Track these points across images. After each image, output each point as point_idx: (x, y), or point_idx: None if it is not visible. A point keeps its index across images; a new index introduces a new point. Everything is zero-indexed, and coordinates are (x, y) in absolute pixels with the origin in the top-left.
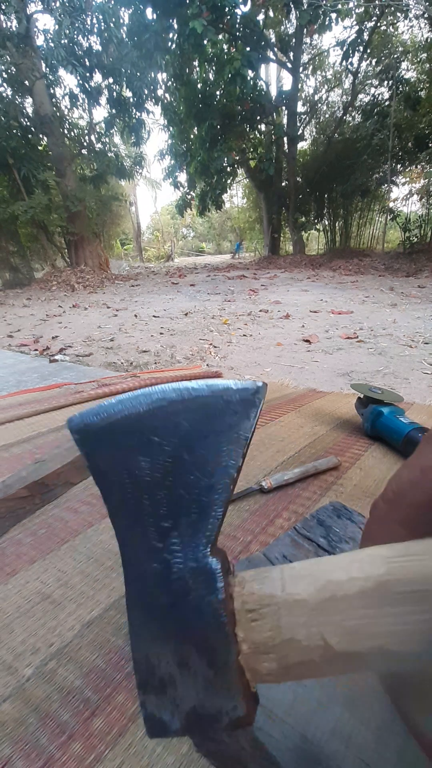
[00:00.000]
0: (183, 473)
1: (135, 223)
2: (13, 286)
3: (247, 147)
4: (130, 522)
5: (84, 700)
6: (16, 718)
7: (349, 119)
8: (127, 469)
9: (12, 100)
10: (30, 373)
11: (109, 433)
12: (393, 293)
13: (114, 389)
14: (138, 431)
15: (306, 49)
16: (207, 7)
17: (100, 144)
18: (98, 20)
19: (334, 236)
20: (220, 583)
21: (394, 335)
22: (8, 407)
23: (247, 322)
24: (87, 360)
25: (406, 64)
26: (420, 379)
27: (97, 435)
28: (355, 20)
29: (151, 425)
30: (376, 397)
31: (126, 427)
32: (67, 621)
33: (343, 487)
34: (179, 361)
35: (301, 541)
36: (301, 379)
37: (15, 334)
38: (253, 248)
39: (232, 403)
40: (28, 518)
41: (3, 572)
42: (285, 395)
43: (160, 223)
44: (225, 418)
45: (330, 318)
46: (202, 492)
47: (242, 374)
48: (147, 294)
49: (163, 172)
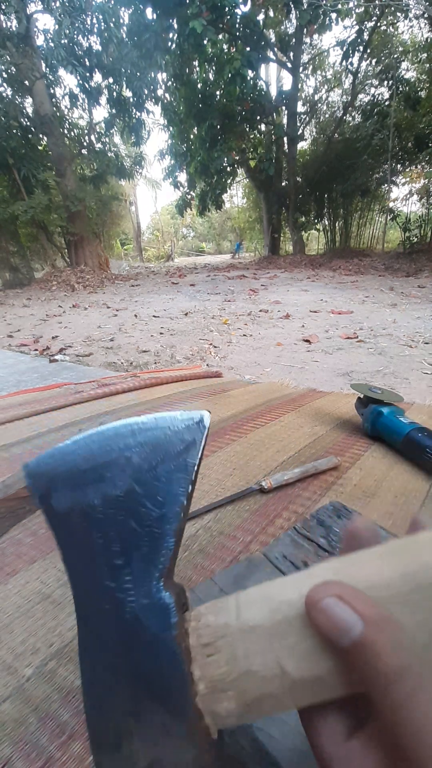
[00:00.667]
0: (134, 506)
1: (135, 223)
2: (13, 286)
3: (247, 147)
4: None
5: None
6: (16, 718)
7: (349, 119)
8: (80, 509)
9: (12, 100)
10: (30, 373)
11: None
12: (393, 293)
13: (114, 389)
14: (91, 469)
15: (306, 49)
16: (207, 7)
17: (100, 144)
18: (98, 20)
19: (334, 236)
20: (173, 618)
21: (394, 335)
22: (8, 407)
23: (247, 322)
24: (87, 360)
25: (406, 64)
26: (420, 379)
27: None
28: (355, 20)
29: (104, 462)
30: (376, 397)
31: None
32: (67, 621)
33: (343, 487)
34: (179, 361)
35: (301, 541)
36: (301, 379)
37: (15, 334)
38: (253, 248)
39: (177, 432)
40: (28, 518)
41: (3, 572)
42: (285, 395)
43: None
44: (171, 447)
45: (330, 318)
46: (154, 523)
47: (242, 374)
48: (147, 294)
49: (163, 172)
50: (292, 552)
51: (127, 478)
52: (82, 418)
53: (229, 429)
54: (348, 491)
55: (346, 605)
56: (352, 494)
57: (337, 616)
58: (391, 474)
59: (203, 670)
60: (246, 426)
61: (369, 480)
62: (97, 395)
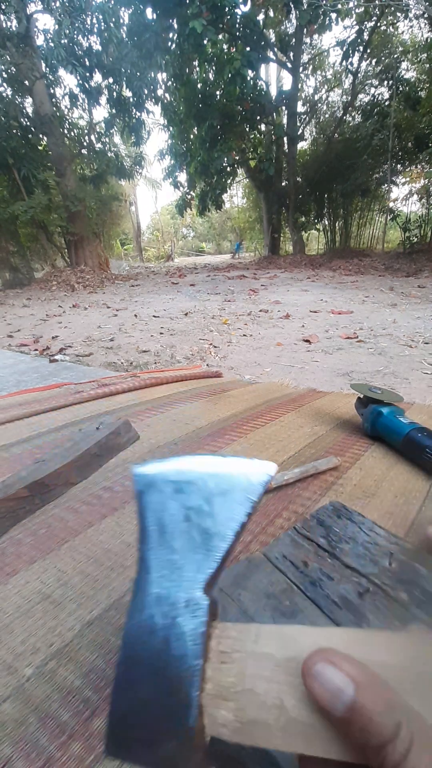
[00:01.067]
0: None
1: (135, 223)
2: (13, 286)
3: (247, 147)
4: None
5: (84, 700)
6: (16, 718)
7: (349, 119)
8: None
9: (12, 100)
10: (30, 373)
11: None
12: (393, 293)
13: (114, 389)
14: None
15: (306, 49)
16: (207, 7)
17: (100, 144)
18: (98, 20)
19: (334, 236)
20: (204, 617)
21: (394, 335)
22: (8, 407)
23: (247, 322)
24: (87, 360)
25: (406, 64)
26: (420, 379)
27: (148, 479)
28: (355, 20)
29: (186, 479)
30: (376, 397)
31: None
32: (67, 621)
33: (343, 487)
34: (179, 361)
35: (301, 541)
36: (301, 379)
37: (15, 334)
38: (253, 248)
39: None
40: (28, 518)
41: (3, 572)
42: (285, 395)
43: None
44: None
45: (330, 318)
46: (210, 537)
47: (242, 374)
48: (147, 294)
49: (163, 172)
50: (292, 552)
51: (200, 496)
52: (82, 418)
53: (229, 429)
54: (348, 491)
55: (337, 669)
56: (352, 494)
57: (328, 681)
58: (391, 474)
59: (214, 673)
60: (246, 426)
61: (369, 480)
62: (97, 395)
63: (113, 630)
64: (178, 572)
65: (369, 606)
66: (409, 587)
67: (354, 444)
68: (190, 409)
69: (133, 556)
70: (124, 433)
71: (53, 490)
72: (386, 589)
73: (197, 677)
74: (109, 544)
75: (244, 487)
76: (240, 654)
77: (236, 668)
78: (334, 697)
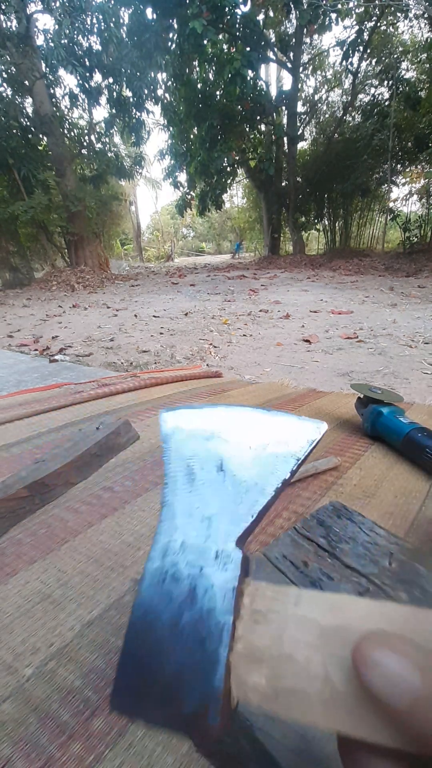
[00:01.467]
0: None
1: (135, 223)
2: (13, 286)
3: (247, 147)
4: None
5: (84, 700)
6: (16, 718)
7: (349, 119)
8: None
9: (12, 100)
10: (30, 373)
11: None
12: (393, 293)
13: (114, 389)
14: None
15: (306, 49)
16: (207, 7)
17: (100, 144)
18: (98, 20)
19: (334, 236)
20: (236, 572)
21: (394, 335)
22: (8, 407)
23: (247, 322)
24: (87, 360)
25: (406, 64)
26: (420, 379)
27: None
28: (355, 20)
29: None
30: (376, 397)
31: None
32: (67, 621)
33: (343, 487)
34: (179, 361)
35: (301, 541)
36: (301, 379)
37: (15, 334)
38: (253, 248)
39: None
40: (28, 518)
41: (3, 572)
42: (285, 395)
43: (160, 223)
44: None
45: (330, 318)
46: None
47: (242, 374)
48: (147, 294)
49: (163, 172)
50: (292, 552)
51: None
52: (82, 418)
53: None
54: (348, 491)
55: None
56: (352, 494)
57: (390, 672)
58: (391, 474)
59: (246, 632)
60: None
61: (369, 480)
62: (97, 395)
63: (113, 630)
64: (208, 522)
65: None
66: (409, 587)
67: (354, 444)
68: None
69: (133, 556)
70: (124, 433)
71: (53, 490)
72: (386, 589)
73: (227, 634)
74: (109, 544)
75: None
76: (277, 614)
77: (273, 630)
78: (397, 689)
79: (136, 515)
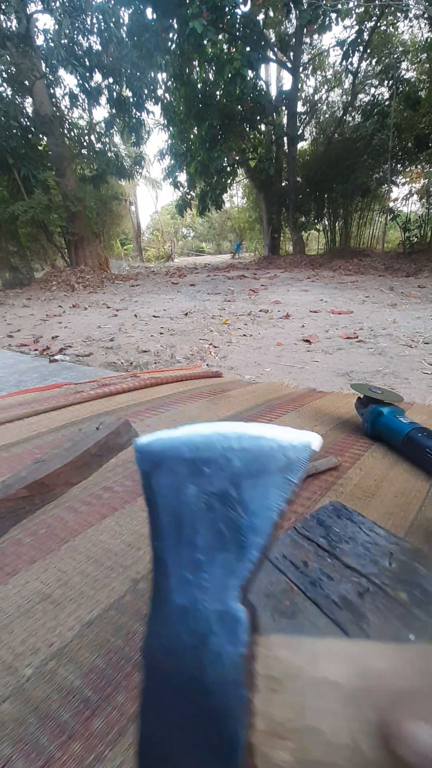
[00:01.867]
0: (226, 508)
1: (135, 223)
2: (13, 286)
3: (247, 147)
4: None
5: (84, 700)
6: (16, 718)
7: (349, 119)
8: (175, 494)
9: (12, 100)
10: (30, 373)
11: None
12: (393, 293)
13: (114, 389)
14: (192, 461)
15: (306, 49)
16: (207, 7)
17: (100, 144)
18: (98, 20)
19: (334, 236)
20: (244, 635)
21: (394, 335)
22: (8, 407)
23: (247, 322)
24: (87, 360)
25: (406, 64)
26: (420, 379)
27: (155, 456)
28: (355, 20)
29: (205, 457)
30: (376, 397)
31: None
32: (67, 621)
33: (343, 487)
34: (179, 361)
35: (301, 541)
36: (301, 379)
37: (15, 334)
38: (253, 248)
39: (283, 447)
40: (28, 518)
41: (3, 572)
42: (285, 395)
43: (160, 223)
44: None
45: (330, 318)
46: (241, 531)
47: (242, 374)
48: (147, 294)
49: (163, 172)
50: (292, 552)
51: (224, 478)
52: (82, 418)
53: None
54: (348, 491)
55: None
56: (352, 494)
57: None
58: (391, 474)
59: (265, 706)
60: None
61: (369, 480)
62: (97, 395)
63: (113, 630)
64: (204, 576)
65: (369, 606)
66: (409, 587)
67: (354, 444)
68: (190, 410)
69: (133, 556)
70: (124, 433)
71: (53, 490)
72: (386, 589)
73: (244, 711)
74: (109, 544)
75: (280, 465)
76: (295, 682)
77: (292, 700)
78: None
79: (136, 515)
